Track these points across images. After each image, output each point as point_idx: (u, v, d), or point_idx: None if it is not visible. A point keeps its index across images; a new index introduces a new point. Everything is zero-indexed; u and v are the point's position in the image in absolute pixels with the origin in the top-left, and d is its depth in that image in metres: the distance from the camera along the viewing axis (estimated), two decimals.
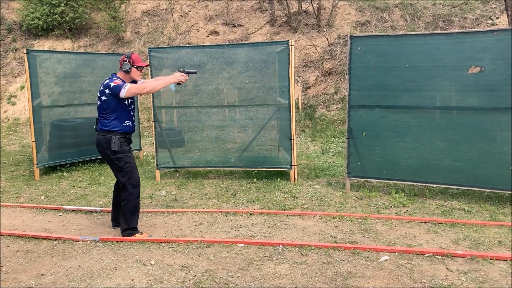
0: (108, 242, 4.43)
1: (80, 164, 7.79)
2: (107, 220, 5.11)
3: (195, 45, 12.22)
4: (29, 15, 14.24)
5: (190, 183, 6.74)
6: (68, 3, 14.17)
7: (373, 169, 5.83)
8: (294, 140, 6.44)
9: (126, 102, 4.51)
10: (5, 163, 8.39)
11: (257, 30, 13.62)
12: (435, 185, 5.68)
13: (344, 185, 6.12)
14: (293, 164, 6.43)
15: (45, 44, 14.48)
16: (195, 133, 7.54)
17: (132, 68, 4.49)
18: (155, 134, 6.99)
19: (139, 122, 8.86)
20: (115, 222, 4.84)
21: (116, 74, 4.55)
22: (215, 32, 13.99)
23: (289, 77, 6.32)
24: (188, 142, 7.59)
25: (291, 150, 6.41)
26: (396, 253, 3.96)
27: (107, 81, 4.46)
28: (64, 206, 5.64)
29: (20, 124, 12.42)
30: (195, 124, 7.62)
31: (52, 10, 14.08)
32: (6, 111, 13.02)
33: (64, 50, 13.75)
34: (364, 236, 4.40)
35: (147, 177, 7.17)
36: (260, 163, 6.83)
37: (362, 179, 6.07)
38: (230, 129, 7.63)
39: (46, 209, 5.64)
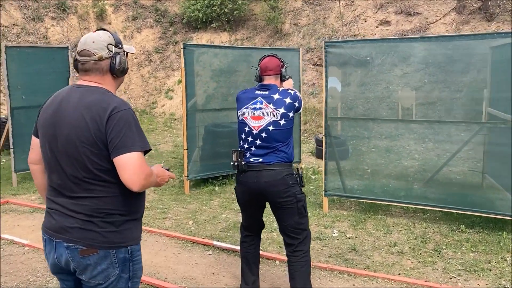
0: None
1: (233, 178, 6.68)
2: (268, 272, 3.79)
3: (399, 37, 10.55)
4: (190, 7, 13.99)
5: (368, 220, 5.13)
6: None
7: None
8: None
9: None
10: None
11: (439, 19, 11.29)
12: None
13: None
14: None
15: (203, 37, 14.12)
16: (360, 141, 5.97)
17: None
18: (325, 153, 5.52)
19: (300, 129, 7.51)
20: None
21: (265, 83, 3.20)
22: (386, 22, 12.03)
23: None
24: (352, 153, 6.01)
25: None
26: None
27: (292, 91, 3.13)
28: (214, 242, 4.49)
29: (175, 119, 12.13)
30: (360, 131, 6.05)
31: (212, 2, 13.62)
32: (164, 105, 12.90)
33: (220, 45, 13.21)
34: None
35: (309, 202, 5.73)
36: (459, 201, 4.88)
37: None
38: (404, 140, 5.91)
39: (194, 242, 4.57)
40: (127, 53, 2.11)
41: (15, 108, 6.43)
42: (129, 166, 1.83)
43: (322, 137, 5.67)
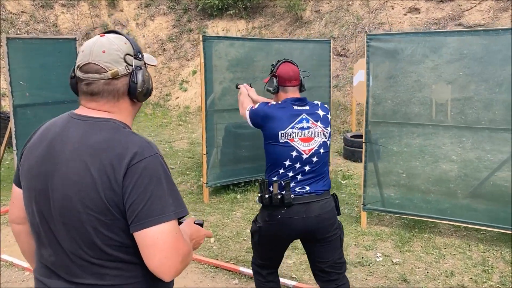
0: None
1: (257, 184, 6.08)
2: None
3: (457, 30, 9.84)
4: None
5: (415, 240, 4.49)
6: None
7: None
8: None
9: None
10: (172, 168, 7.18)
11: (474, 6, 10.46)
12: None
13: None
14: None
15: (219, 25, 13.42)
16: (391, 140, 5.34)
17: None
18: (364, 161, 4.88)
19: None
20: None
21: (299, 97, 2.67)
22: (415, 9, 11.21)
23: None
24: (383, 154, 5.38)
25: None
26: None
27: (326, 104, 2.71)
28: (240, 268, 3.90)
29: (190, 113, 11.51)
30: (390, 129, 5.41)
31: None
32: (178, 97, 12.27)
33: (244, 37, 12.54)
34: None
35: (343, 214, 5.12)
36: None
37: None
38: (439, 138, 5.27)
39: (217, 267, 3.98)
40: (146, 65, 1.46)
41: (18, 106, 5.85)
42: (159, 247, 1.21)
43: (363, 143, 5.01)
